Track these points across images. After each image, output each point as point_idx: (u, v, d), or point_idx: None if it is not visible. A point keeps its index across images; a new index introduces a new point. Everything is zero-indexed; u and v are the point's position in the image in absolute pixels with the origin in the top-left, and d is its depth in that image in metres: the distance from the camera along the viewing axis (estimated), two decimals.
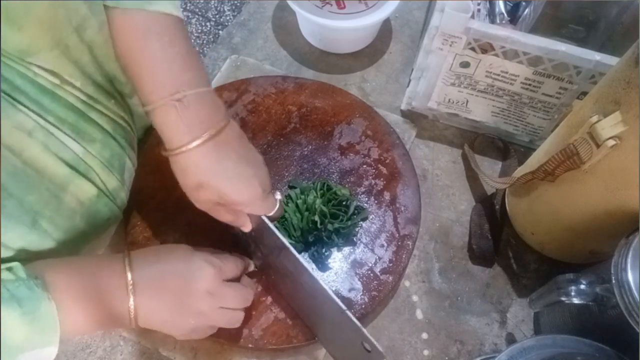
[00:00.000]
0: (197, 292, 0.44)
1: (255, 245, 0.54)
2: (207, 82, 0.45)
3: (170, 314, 0.44)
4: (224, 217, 0.48)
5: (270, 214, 0.49)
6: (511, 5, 0.73)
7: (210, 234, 0.56)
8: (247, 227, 0.50)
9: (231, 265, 0.49)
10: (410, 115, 0.73)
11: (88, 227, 0.47)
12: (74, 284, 0.40)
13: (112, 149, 0.49)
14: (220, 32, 1.84)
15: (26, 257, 0.42)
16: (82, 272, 0.42)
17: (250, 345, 0.52)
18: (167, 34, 0.43)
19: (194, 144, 0.42)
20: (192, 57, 0.44)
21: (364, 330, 0.44)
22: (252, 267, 0.54)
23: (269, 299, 0.54)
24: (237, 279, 0.50)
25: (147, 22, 0.42)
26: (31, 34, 0.38)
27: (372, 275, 0.56)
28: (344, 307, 0.45)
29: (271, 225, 0.49)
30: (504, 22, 0.72)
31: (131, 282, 0.42)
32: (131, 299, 0.41)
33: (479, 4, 0.70)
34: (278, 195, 0.50)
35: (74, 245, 0.46)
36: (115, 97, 0.50)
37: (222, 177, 0.44)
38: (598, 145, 0.44)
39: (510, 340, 0.58)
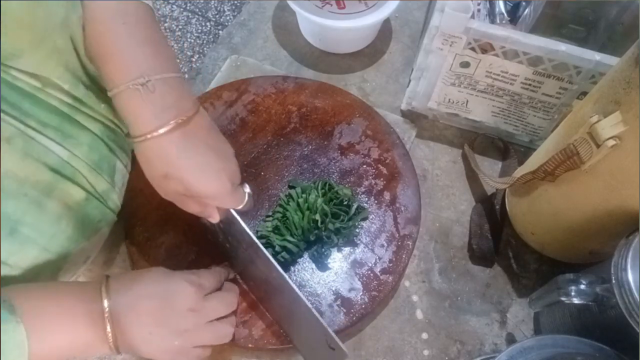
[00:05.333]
0: (178, 311, 0.43)
1: (224, 236, 0.53)
2: (175, 69, 0.44)
3: (151, 337, 0.43)
4: (191, 208, 0.48)
5: (239, 208, 0.48)
6: (511, 5, 0.73)
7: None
8: (214, 219, 0.49)
9: (210, 279, 0.48)
10: (410, 115, 0.73)
11: (76, 231, 0.46)
12: (47, 311, 0.39)
13: (100, 152, 0.48)
14: (220, 32, 1.84)
15: (20, 271, 0.42)
16: (57, 298, 0.41)
17: (250, 345, 0.52)
18: (134, 19, 0.42)
19: (160, 131, 0.41)
20: (159, 43, 0.43)
21: (328, 328, 0.44)
22: (232, 275, 0.53)
23: None
24: (218, 289, 0.49)
25: (114, 7, 0.42)
26: (11, 36, 0.37)
27: (372, 275, 0.56)
28: (309, 304, 0.45)
29: (240, 219, 0.48)
30: (504, 22, 0.72)
31: (107, 309, 0.41)
32: (108, 327, 0.41)
33: (479, 4, 0.70)
34: (247, 189, 0.49)
35: (63, 249, 0.45)
36: (107, 101, 0.49)
37: (189, 168, 0.43)
38: (598, 145, 0.44)
39: (510, 340, 0.58)
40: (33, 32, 0.39)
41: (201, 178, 0.44)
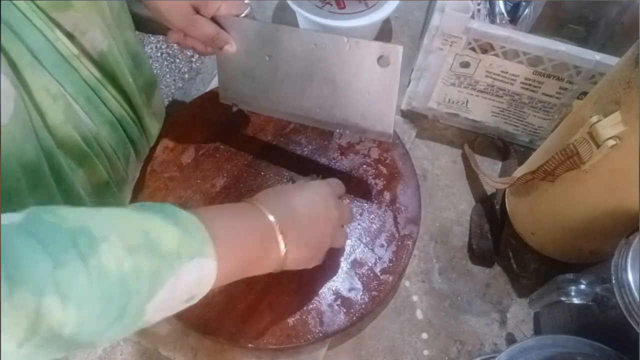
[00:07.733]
0: (327, 206, 0.46)
1: (250, 73, 0.56)
2: None
3: (315, 239, 0.46)
4: (206, 29, 0.50)
5: (243, 13, 0.52)
6: (511, 5, 0.73)
7: None
8: (231, 45, 0.53)
9: (336, 184, 0.51)
10: (410, 115, 0.73)
11: None
12: (233, 226, 0.40)
13: (118, 135, 0.50)
14: None
15: None
16: (235, 215, 0.41)
17: (250, 345, 0.52)
18: None
19: None
20: None
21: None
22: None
23: (269, 298, 0.54)
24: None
25: None
26: None
27: (372, 275, 0.56)
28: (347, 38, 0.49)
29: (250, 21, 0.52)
30: (504, 22, 0.72)
31: (277, 223, 0.42)
32: (280, 237, 0.42)
33: (479, 4, 0.70)
34: None
35: None
36: (134, 76, 0.51)
37: None
38: (598, 145, 0.44)
39: (510, 340, 0.58)
40: None
41: None
